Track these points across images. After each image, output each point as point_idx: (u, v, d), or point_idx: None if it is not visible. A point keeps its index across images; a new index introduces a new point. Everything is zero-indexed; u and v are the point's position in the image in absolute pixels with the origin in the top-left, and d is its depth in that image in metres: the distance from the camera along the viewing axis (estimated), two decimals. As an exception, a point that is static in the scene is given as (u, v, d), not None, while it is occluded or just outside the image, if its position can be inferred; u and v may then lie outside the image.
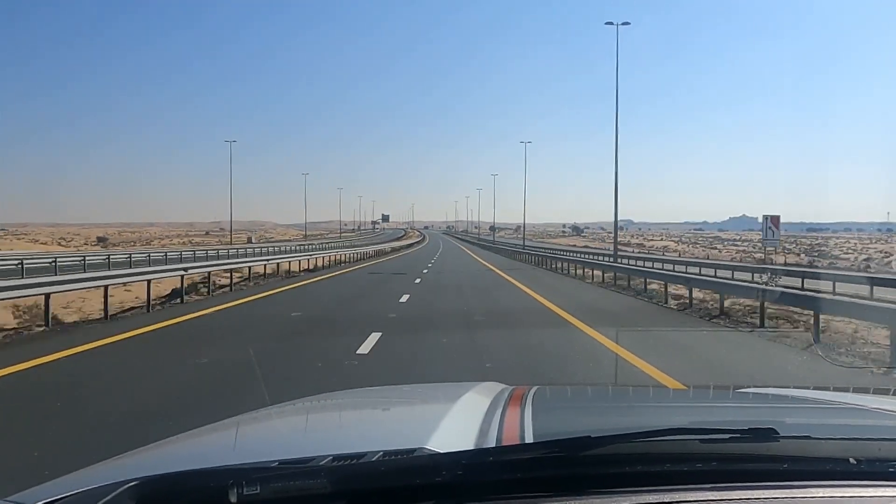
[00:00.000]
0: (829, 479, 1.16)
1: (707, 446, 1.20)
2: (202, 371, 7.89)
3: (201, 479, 1.12)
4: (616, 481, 1.13)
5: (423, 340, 10.39)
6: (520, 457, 1.18)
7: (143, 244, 75.12)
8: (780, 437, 1.21)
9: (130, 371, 8.07)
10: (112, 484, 1.10)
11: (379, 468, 1.14)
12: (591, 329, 11.34)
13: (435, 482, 1.08)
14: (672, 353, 9.29)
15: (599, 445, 1.16)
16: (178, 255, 36.38)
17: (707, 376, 7.59)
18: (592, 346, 9.83)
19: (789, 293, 12.72)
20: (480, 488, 1.10)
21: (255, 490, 1.04)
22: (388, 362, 8.53)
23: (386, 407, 2.29)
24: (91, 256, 31.56)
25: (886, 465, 1.20)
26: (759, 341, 10.83)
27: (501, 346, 9.97)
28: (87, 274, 15.41)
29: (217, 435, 1.79)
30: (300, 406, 2.21)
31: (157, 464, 1.43)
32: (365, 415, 2.15)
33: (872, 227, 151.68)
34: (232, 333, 11.38)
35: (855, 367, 8.60)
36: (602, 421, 1.92)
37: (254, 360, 8.20)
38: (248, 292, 19.42)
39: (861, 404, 2.01)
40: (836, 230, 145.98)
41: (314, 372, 7.80)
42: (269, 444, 1.68)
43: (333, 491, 1.06)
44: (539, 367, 8.31)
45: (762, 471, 1.18)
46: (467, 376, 7.27)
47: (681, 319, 14.34)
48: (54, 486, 1.21)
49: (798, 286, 18.36)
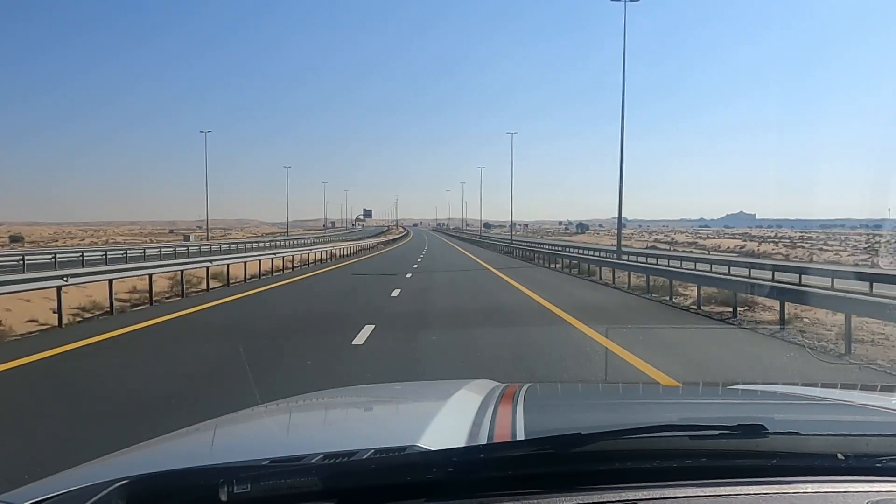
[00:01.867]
0: (817, 475, 1.17)
1: (696, 443, 1.21)
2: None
3: (191, 478, 1.11)
4: (606, 478, 1.14)
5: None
6: (511, 454, 1.19)
7: (73, 243, 61.39)
8: (769, 434, 1.22)
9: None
10: (101, 483, 1.09)
11: (370, 466, 1.14)
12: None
13: (426, 479, 1.09)
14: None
15: (590, 442, 1.17)
16: (79, 256, 29.99)
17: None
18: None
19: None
20: (472, 485, 1.10)
21: (245, 488, 1.04)
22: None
23: (377, 405, 2.29)
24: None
25: (873, 460, 1.21)
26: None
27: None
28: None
29: (207, 433, 1.78)
30: (290, 404, 2.20)
31: (146, 462, 1.43)
32: (355, 413, 2.15)
33: (857, 223, 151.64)
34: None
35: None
36: (593, 418, 1.92)
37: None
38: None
39: (849, 400, 2.03)
40: (828, 227, 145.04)
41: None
42: (259, 443, 1.67)
43: (324, 489, 1.06)
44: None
45: (751, 467, 1.19)
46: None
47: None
48: (43, 485, 1.20)
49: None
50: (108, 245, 50.67)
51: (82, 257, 29.87)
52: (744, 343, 10.52)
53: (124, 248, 38.07)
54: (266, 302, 16.29)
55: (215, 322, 12.66)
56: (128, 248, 38.41)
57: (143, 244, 52.30)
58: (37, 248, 44.59)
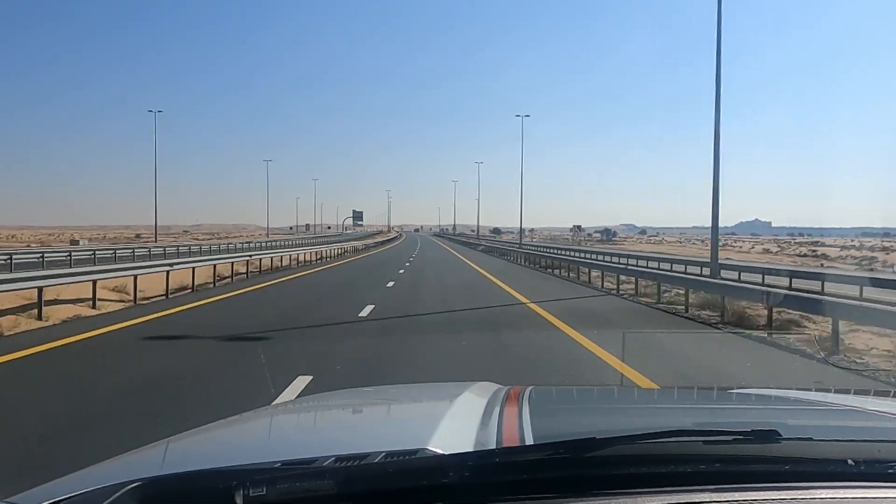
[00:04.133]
0: (830, 481, 1.16)
1: (710, 447, 1.21)
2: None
3: (206, 481, 1.11)
4: (620, 483, 1.14)
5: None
6: (525, 458, 1.19)
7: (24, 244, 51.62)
8: (782, 439, 1.22)
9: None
10: (115, 485, 1.09)
11: (386, 469, 1.14)
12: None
13: (441, 483, 1.08)
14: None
15: (605, 447, 1.16)
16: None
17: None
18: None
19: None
20: (485, 489, 1.10)
21: (261, 491, 1.04)
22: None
23: (381, 407, 2.29)
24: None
25: (885, 466, 1.21)
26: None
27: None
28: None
29: (219, 433, 1.79)
30: (299, 405, 2.21)
31: (159, 464, 1.43)
32: (362, 414, 2.16)
33: (865, 231, 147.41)
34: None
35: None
36: (601, 422, 1.92)
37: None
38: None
39: (862, 406, 2.02)
40: (845, 235, 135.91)
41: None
42: (269, 444, 1.68)
43: (340, 492, 1.06)
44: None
45: (765, 472, 1.18)
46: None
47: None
48: (55, 486, 1.21)
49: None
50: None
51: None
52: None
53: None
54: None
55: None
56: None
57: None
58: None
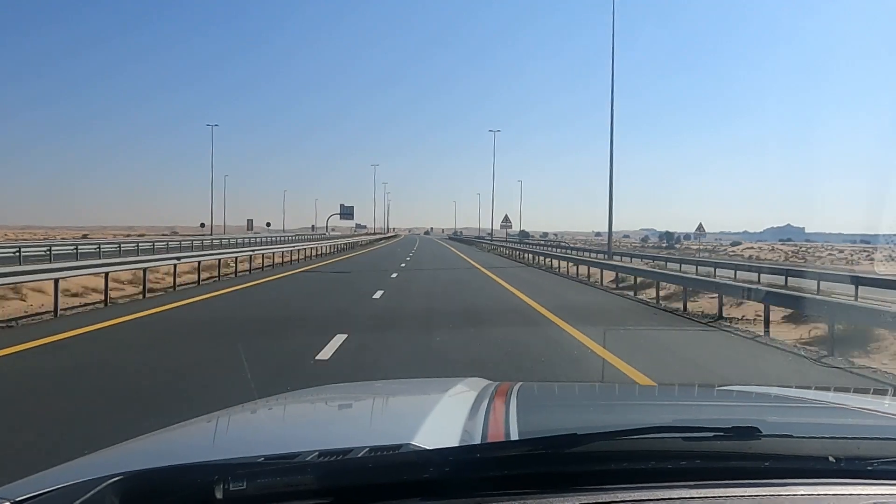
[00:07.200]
0: (810, 477, 1.17)
1: (690, 444, 1.22)
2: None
3: (187, 475, 1.11)
4: (601, 479, 1.14)
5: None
6: (507, 453, 1.19)
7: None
8: (762, 436, 1.22)
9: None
10: (95, 479, 1.08)
11: (367, 464, 1.13)
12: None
13: (422, 479, 1.09)
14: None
15: (585, 443, 1.17)
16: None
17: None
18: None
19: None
20: (467, 485, 1.10)
21: (241, 486, 1.04)
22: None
23: (369, 402, 2.29)
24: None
25: (865, 463, 1.22)
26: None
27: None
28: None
29: (202, 428, 1.78)
30: (283, 400, 2.21)
31: (140, 458, 1.42)
32: (348, 410, 2.15)
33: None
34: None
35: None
36: (586, 418, 1.93)
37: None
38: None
39: (842, 403, 2.04)
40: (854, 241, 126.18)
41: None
42: (253, 439, 1.68)
43: (320, 487, 1.06)
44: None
45: (744, 469, 1.19)
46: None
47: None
48: (35, 480, 1.20)
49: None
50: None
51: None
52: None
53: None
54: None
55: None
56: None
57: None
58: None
